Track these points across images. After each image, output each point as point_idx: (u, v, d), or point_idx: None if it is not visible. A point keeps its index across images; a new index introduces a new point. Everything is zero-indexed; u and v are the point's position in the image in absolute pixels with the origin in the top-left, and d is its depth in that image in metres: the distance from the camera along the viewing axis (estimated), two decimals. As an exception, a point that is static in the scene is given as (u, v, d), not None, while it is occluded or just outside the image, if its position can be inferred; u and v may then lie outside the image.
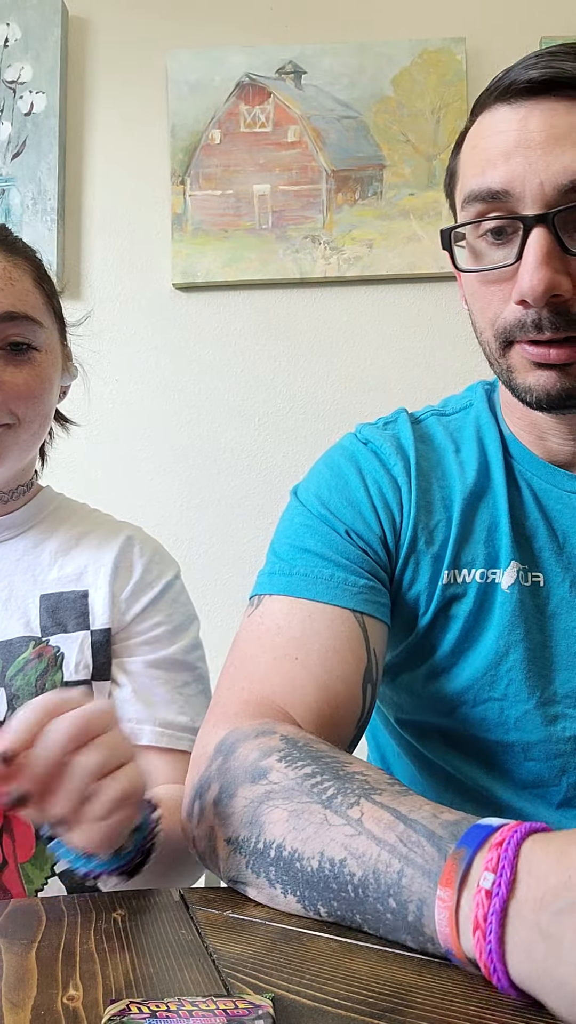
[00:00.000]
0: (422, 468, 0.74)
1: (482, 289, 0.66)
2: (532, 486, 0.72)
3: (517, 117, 0.62)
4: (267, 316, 1.67)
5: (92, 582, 0.82)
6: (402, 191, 1.64)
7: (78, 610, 0.81)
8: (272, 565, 0.73)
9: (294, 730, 0.61)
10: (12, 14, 1.69)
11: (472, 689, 0.70)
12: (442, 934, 0.42)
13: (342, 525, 0.72)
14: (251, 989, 0.41)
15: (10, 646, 0.77)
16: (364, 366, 1.66)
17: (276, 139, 1.66)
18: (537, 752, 0.70)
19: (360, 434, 0.79)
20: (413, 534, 0.72)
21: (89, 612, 0.81)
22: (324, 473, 0.77)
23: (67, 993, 0.41)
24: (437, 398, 0.83)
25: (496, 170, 0.62)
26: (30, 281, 0.80)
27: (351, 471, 0.75)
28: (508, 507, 0.71)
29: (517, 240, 0.62)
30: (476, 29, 1.68)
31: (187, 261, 1.64)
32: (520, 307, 0.62)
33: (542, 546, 0.71)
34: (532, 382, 0.65)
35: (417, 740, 0.77)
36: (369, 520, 0.72)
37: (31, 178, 1.66)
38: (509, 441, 0.74)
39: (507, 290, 0.64)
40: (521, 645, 0.69)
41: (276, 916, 0.51)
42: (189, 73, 1.66)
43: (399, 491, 0.73)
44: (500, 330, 0.65)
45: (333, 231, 1.64)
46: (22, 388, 0.77)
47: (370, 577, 0.71)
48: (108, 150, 1.71)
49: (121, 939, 0.48)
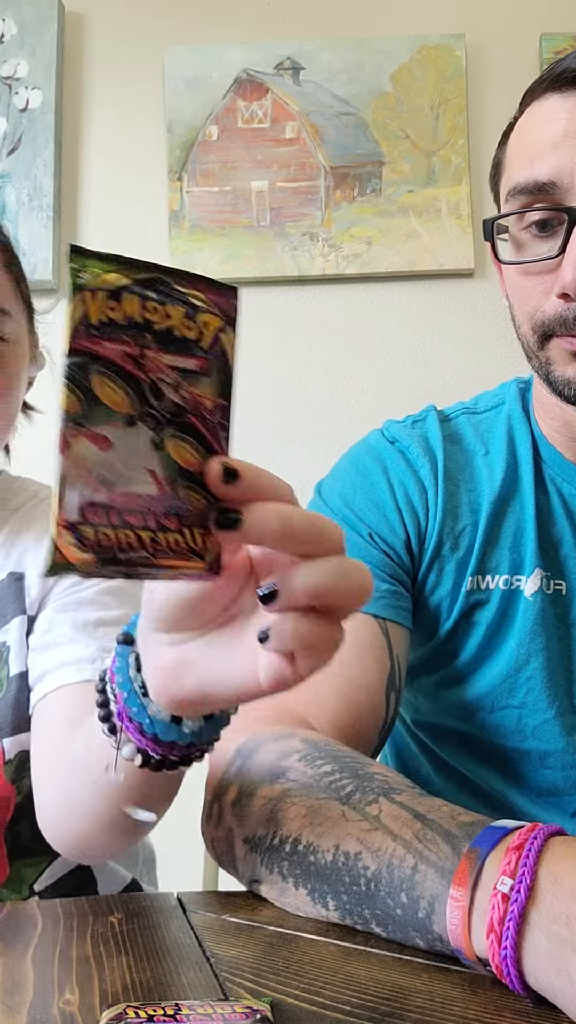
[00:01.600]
0: (450, 470, 0.72)
1: (522, 281, 0.65)
2: (561, 491, 0.71)
3: (567, 106, 0.61)
4: (265, 314, 1.67)
5: (31, 563, 0.76)
6: (401, 188, 1.64)
7: (14, 595, 0.75)
8: None
9: (314, 734, 0.60)
10: (7, 9, 1.68)
11: (491, 696, 0.70)
12: (453, 933, 0.42)
13: (365, 528, 0.71)
14: (249, 993, 0.40)
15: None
16: (363, 364, 1.66)
17: (274, 135, 1.65)
18: (554, 761, 0.69)
19: (387, 432, 0.76)
20: (438, 539, 0.70)
21: (25, 595, 0.75)
22: (349, 471, 0.75)
23: (63, 997, 0.41)
24: (436, 396, 0.82)
25: (544, 161, 0.61)
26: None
27: (377, 471, 0.73)
28: (536, 512, 0.70)
29: (562, 232, 0.61)
30: (475, 25, 1.67)
31: (184, 258, 1.64)
32: (561, 301, 0.61)
33: (567, 554, 0.70)
34: (572, 374, 0.63)
35: (433, 742, 0.76)
36: (393, 523, 0.71)
37: (27, 175, 1.65)
38: (540, 443, 0.73)
39: (548, 283, 0.63)
40: (542, 654, 0.68)
41: (274, 920, 0.51)
42: (186, 69, 1.66)
43: (425, 494, 0.71)
44: (539, 323, 0.64)
45: (331, 228, 1.64)
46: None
47: (393, 581, 0.70)
48: (104, 146, 1.70)
49: (118, 943, 0.48)
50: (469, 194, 1.63)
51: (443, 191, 1.63)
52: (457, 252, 1.62)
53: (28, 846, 0.71)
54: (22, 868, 0.72)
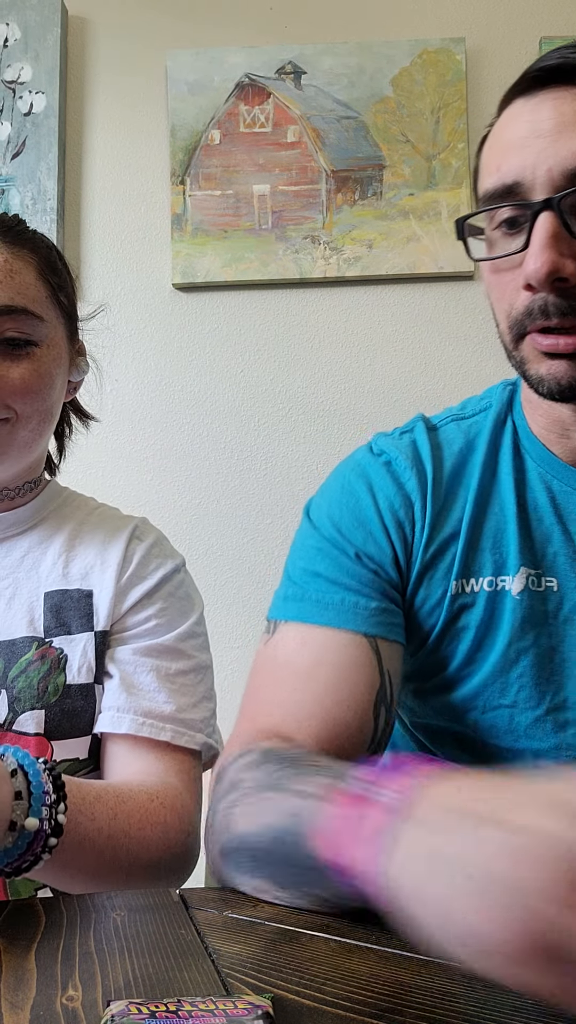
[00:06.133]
0: (438, 480, 0.73)
1: (495, 279, 0.66)
2: (551, 488, 0.71)
3: (529, 108, 0.62)
4: (267, 316, 1.67)
5: (98, 581, 0.81)
6: (402, 191, 1.64)
7: (82, 611, 0.79)
8: (286, 589, 0.73)
9: (277, 742, 0.62)
10: (12, 14, 1.68)
11: (482, 696, 0.70)
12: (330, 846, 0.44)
13: (352, 547, 0.72)
14: (250, 989, 0.41)
15: (13, 646, 0.76)
16: (363, 366, 1.66)
17: (276, 139, 1.66)
18: (547, 759, 0.69)
19: (375, 445, 0.77)
20: (426, 552, 0.71)
21: (93, 613, 0.79)
22: (335, 491, 0.75)
23: (66, 993, 0.41)
24: (436, 399, 0.83)
25: (509, 164, 0.62)
26: (33, 274, 0.79)
27: (362, 488, 0.74)
28: (516, 512, 0.70)
29: (527, 228, 0.62)
30: (476, 29, 1.68)
31: (187, 261, 1.64)
32: (528, 293, 0.62)
33: (557, 551, 0.70)
34: (544, 372, 0.64)
35: (430, 743, 0.77)
36: (380, 541, 0.72)
37: (31, 178, 1.66)
38: (529, 442, 0.73)
39: (519, 279, 0.63)
40: (531, 652, 0.69)
41: (276, 916, 0.51)
42: (189, 73, 1.66)
43: (412, 508, 0.72)
44: (513, 320, 0.64)
45: (333, 231, 1.64)
46: (18, 383, 0.76)
47: (382, 599, 0.70)
48: (108, 150, 1.71)
49: (120, 939, 0.48)
50: (469, 197, 1.63)
51: (443, 194, 1.63)
52: (457, 255, 1.62)
53: None
54: None
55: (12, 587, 0.80)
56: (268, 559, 1.62)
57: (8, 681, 0.75)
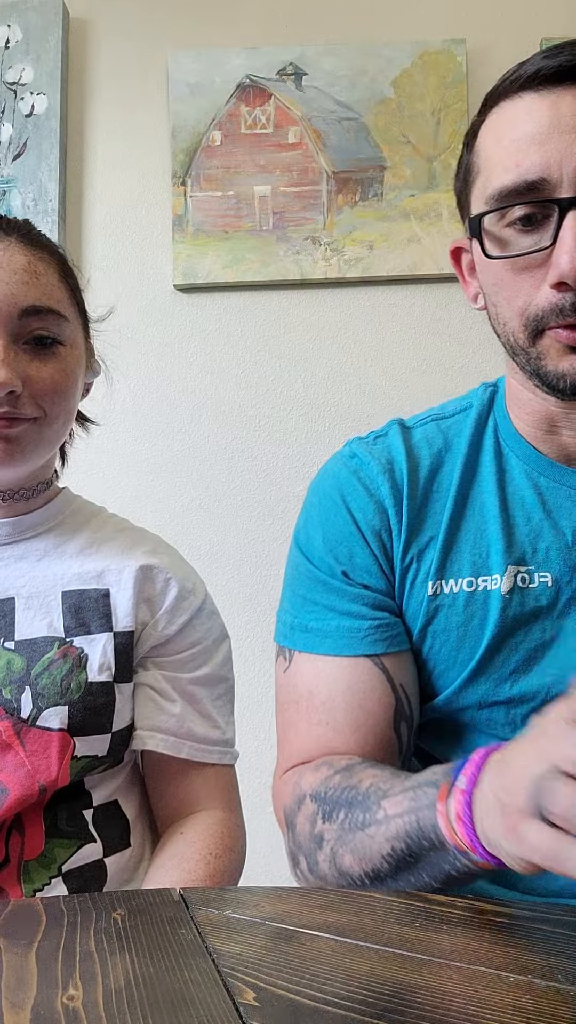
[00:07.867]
0: (414, 483, 0.73)
1: (510, 277, 0.65)
2: (538, 485, 0.71)
3: (547, 103, 0.62)
4: (268, 317, 1.67)
5: (115, 581, 0.82)
6: (403, 192, 1.65)
7: (100, 611, 0.80)
8: (289, 616, 0.75)
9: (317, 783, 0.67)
10: (13, 15, 1.69)
11: (474, 694, 0.70)
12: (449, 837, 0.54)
13: (338, 567, 0.72)
14: (250, 988, 0.41)
15: (34, 645, 0.78)
16: (365, 367, 1.66)
17: (277, 140, 1.66)
18: None
19: (346, 452, 0.77)
20: (405, 555, 0.71)
21: (112, 613, 0.81)
22: (314, 513, 0.76)
23: (67, 993, 0.41)
24: (438, 400, 0.83)
25: (530, 159, 0.62)
26: (55, 275, 0.80)
27: (337, 504, 0.74)
28: (499, 511, 0.70)
29: (549, 225, 0.62)
30: (476, 31, 1.68)
31: (188, 262, 1.65)
32: (555, 291, 0.62)
33: (550, 545, 0.70)
34: (566, 367, 0.64)
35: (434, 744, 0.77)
36: (362, 553, 0.72)
37: (32, 179, 1.66)
38: (513, 440, 0.73)
39: (538, 276, 0.63)
40: (525, 648, 0.69)
41: (276, 916, 0.51)
42: (190, 75, 1.67)
43: (386, 515, 0.72)
44: (532, 317, 0.64)
45: (334, 232, 1.64)
46: (48, 382, 0.77)
47: (376, 613, 0.71)
48: (109, 152, 1.71)
49: (121, 939, 0.48)
50: (471, 198, 1.63)
51: (444, 195, 1.63)
52: (459, 256, 1.62)
53: (63, 828, 0.77)
54: (55, 848, 0.76)
55: (29, 586, 0.81)
56: (268, 559, 1.62)
57: (32, 678, 0.76)
